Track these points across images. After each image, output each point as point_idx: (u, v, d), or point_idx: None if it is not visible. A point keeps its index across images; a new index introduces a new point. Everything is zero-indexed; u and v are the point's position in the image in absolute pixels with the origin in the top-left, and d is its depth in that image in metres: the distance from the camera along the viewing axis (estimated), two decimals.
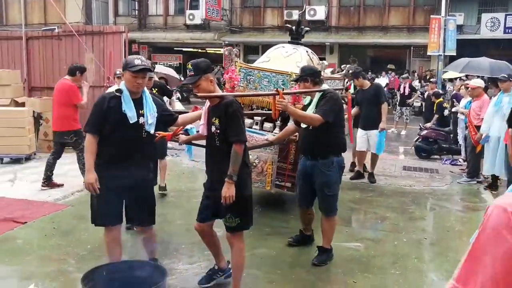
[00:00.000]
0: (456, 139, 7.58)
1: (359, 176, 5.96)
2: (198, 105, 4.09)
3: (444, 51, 13.83)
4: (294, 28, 4.92)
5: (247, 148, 2.83)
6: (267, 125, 4.40)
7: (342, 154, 3.48)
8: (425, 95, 10.65)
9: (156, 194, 3.68)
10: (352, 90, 6.33)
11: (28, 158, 6.54)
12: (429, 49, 14.32)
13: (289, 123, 4.06)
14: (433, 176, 6.42)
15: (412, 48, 17.58)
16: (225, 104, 2.65)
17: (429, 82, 10.54)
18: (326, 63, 4.62)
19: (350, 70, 5.47)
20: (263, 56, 4.98)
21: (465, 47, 14.20)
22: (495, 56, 11.18)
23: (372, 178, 5.87)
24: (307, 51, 4.79)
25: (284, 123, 4.21)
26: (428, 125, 8.05)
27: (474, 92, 6.05)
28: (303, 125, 3.39)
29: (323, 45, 17.71)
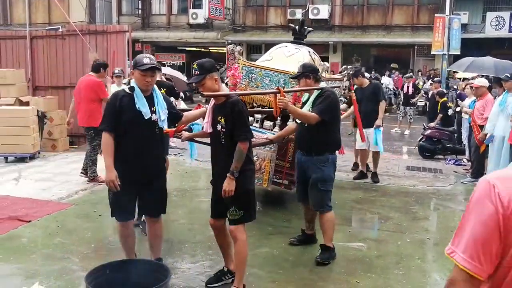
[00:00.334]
0: (460, 139, 7.54)
1: (363, 176, 5.94)
2: (201, 104, 4.13)
3: (449, 50, 13.75)
4: (298, 28, 4.93)
5: (251, 146, 2.89)
6: (267, 124, 4.45)
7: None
8: (429, 95, 10.60)
9: None
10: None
11: (33, 157, 6.58)
12: (433, 48, 14.24)
13: (289, 122, 4.11)
14: (437, 176, 6.39)
15: (416, 47, 17.50)
16: (231, 103, 2.72)
17: (433, 81, 10.49)
18: (328, 65, 4.61)
19: (351, 71, 5.48)
20: (266, 55, 5.01)
21: (470, 46, 14.13)
22: (500, 55, 11.11)
23: (376, 178, 5.84)
24: (309, 51, 4.81)
25: (284, 122, 4.26)
26: (432, 125, 8.02)
27: (478, 92, 6.02)
28: (298, 121, 3.45)
29: (327, 44, 17.67)
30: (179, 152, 7.24)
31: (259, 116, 4.46)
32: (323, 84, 3.57)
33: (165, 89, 4.59)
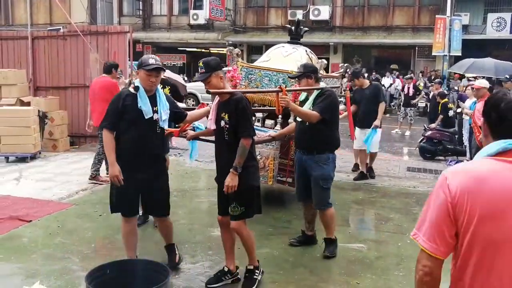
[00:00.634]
0: (461, 140, 7.53)
1: (363, 177, 5.98)
2: (205, 102, 4.18)
3: (449, 51, 13.76)
4: (294, 29, 5.05)
5: (254, 143, 2.94)
6: (269, 122, 4.53)
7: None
8: (430, 96, 10.60)
9: None
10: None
11: (33, 157, 6.59)
12: (434, 49, 14.25)
13: (291, 120, 4.18)
14: (438, 177, 6.35)
15: (417, 48, 17.50)
16: (235, 100, 2.78)
17: (434, 83, 10.49)
18: (325, 62, 4.69)
19: (348, 70, 5.57)
20: (263, 56, 5.10)
21: (471, 47, 14.13)
22: (501, 57, 11.12)
23: (372, 173, 6.03)
24: (306, 51, 4.91)
25: (285, 120, 4.31)
26: (433, 126, 8.02)
27: (479, 93, 6.02)
28: (298, 119, 3.49)
29: (327, 45, 17.69)
30: (179, 153, 7.24)
31: (260, 115, 4.54)
32: (323, 84, 3.64)
33: (170, 87, 4.62)
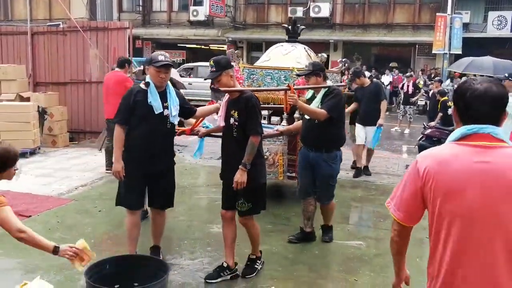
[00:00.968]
0: None
1: (360, 173, 6.14)
2: (214, 100, 4.30)
3: (450, 50, 13.74)
4: (290, 28, 5.13)
5: (262, 140, 3.01)
6: (274, 119, 4.64)
7: (344, 152, 3.67)
8: (430, 94, 10.59)
9: None
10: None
11: (33, 153, 6.59)
12: (434, 47, 14.24)
13: (296, 115, 4.30)
14: None
15: (417, 46, 17.48)
16: (245, 98, 2.84)
17: (434, 81, 10.48)
18: (325, 55, 4.76)
19: (347, 64, 5.67)
20: (264, 56, 5.18)
21: (471, 46, 14.11)
22: (502, 55, 11.08)
23: (367, 171, 6.14)
24: (305, 48, 5.00)
25: (290, 116, 4.38)
26: (432, 124, 8.02)
27: None
28: (307, 117, 3.56)
29: (327, 42, 17.65)
30: (179, 149, 7.24)
31: (266, 113, 4.63)
32: (329, 82, 3.72)
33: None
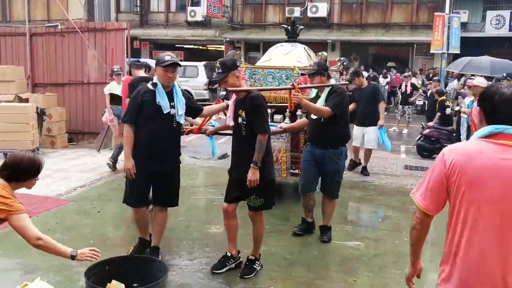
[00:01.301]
0: (459, 139, 7.55)
1: (354, 166, 6.27)
2: (220, 99, 4.41)
3: (448, 49, 13.74)
4: (290, 28, 5.19)
5: (270, 138, 3.10)
6: (277, 117, 4.73)
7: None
8: (428, 93, 10.61)
9: None
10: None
11: None
12: (433, 47, 14.22)
13: (298, 113, 4.37)
14: None
15: (415, 46, 17.50)
16: (251, 98, 2.92)
17: (432, 80, 10.50)
18: (326, 54, 4.80)
19: (345, 63, 5.74)
20: (264, 56, 5.24)
21: (469, 45, 14.13)
22: (500, 55, 11.10)
23: (366, 172, 6.18)
24: (304, 48, 5.07)
25: (293, 115, 4.44)
26: (431, 124, 8.03)
27: (475, 91, 6.05)
28: (313, 116, 3.64)
29: (325, 42, 17.64)
30: None
31: (269, 111, 4.68)
32: (333, 81, 3.82)
33: None
